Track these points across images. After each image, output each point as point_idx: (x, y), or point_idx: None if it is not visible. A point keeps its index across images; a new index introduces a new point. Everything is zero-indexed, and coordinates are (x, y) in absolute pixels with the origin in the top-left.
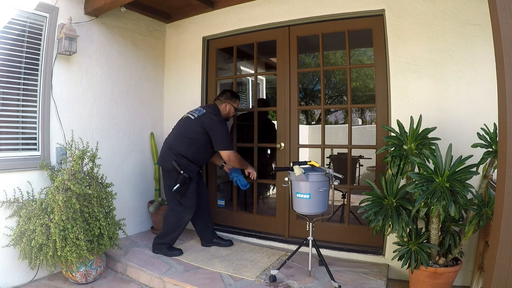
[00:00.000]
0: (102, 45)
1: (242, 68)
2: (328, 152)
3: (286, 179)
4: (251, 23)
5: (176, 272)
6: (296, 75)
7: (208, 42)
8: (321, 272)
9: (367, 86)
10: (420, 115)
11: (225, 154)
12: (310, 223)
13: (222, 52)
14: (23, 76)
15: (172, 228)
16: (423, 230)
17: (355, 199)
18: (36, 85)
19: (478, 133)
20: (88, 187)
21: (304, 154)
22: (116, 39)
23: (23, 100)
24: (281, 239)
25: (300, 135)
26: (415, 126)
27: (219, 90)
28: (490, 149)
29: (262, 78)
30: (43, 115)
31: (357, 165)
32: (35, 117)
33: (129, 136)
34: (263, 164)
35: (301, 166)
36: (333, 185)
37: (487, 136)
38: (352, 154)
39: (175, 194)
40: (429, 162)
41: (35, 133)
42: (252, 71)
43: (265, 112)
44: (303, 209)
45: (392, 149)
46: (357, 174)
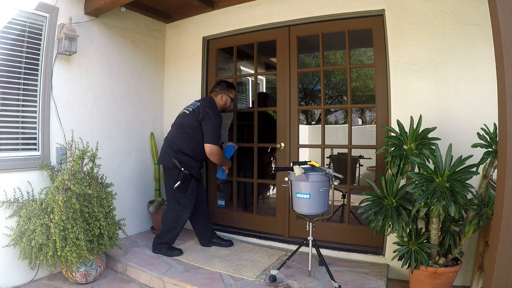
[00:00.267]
0: (102, 45)
1: (242, 68)
2: (328, 152)
3: (286, 179)
4: (251, 23)
5: (176, 272)
6: (296, 75)
7: (208, 42)
8: (321, 272)
9: (367, 86)
10: (420, 115)
11: (208, 148)
12: (310, 223)
13: (222, 52)
14: (23, 76)
15: (170, 227)
16: (423, 230)
17: (355, 199)
18: (36, 85)
19: (478, 133)
20: (88, 187)
21: (304, 154)
22: (116, 39)
23: (23, 100)
24: (281, 239)
25: (300, 135)
26: (415, 126)
27: None
28: (490, 149)
29: (262, 78)
30: (43, 115)
31: (357, 165)
32: (35, 117)
33: (129, 136)
34: (263, 165)
35: (301, 166)
36: (333, 185)
37: (487, 136)
38: (352, 154)
39: (174, 193)
40: (429, 162)
41: (35, 133)
42: (252, 71)
43: (265, 105)
44: (303, 209)
45: (392, 149)
46: (357, 174)
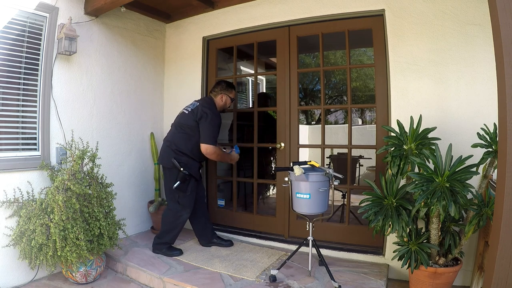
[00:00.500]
0: (102, 45)
1: (242, 68)
2: (328, 152)
3: (286, 179)
4: (251, 23)
5: (176, 272)
6: (296, 75)
7: (208, 42)
8: (321, 272)
9: (367, 86)
10: (420, 115)
11: (204, 148)
12: (310, 223)
13: (222, 52)
14: (23, 76)
15: (170, 227)
16: (423, 230)
17: (355, 199)
18: (36, 85)
19: (478, 133)
20: (88, 187)
21: (304, 154)
22: (116, 39)
23: (23, 100)
24: (281, 239)
25: (300, 135)
26: (415, 126)
27: None
28: (490, 149)
29: (262, 78)
30: (43, 115)
31: (357, 165)
32: (35, 117)
33: (129, 136)
34: (263, 165)
35: (301, 166)
36: (333, 185)
37: (487, 136)
38: (352, 154)
39: (174, 193)
40: (429, 162)
41: (35, 133)
42: (252, 71)
43: (265, 105)
44: (303, 209)
45: (392, 149)
46: (357, 174)
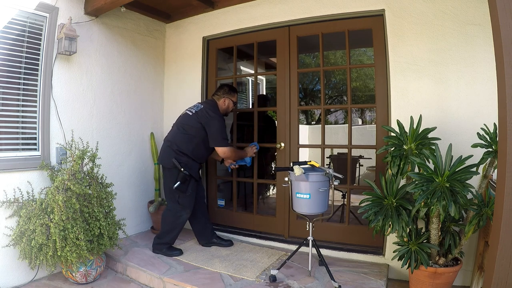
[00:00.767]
0: (102, 45)
1: (242, 68)
2: (328, 152)
3: (286, 179)
4: (251, 23)
5: (176, 272)
6: (296, 75)
7: (208, 42)
8: (321, 272)
9: (367, 86)
10: (420, 115)
11: (221, 151)
12: (310, 223)
13: (222, 52)
14: (23, 76)
15: (170, 227)
16: (423, 230)
17: (355, 199)
18: (36, 85)
19: (478, 133)
20: (88, 187)
21: (304, 154)
22: (116, 39)
23: (23, 100)
24: (281, 239)
25: (300, 135)
26: (415, 126)
27: None
28: (490, 149)
29: (262, 78)
30: (43, 115)
31: (357, 165)
32: (35, 117)
33: (129, 136)
34: (263, 165)
35: (301, 166)
36: (333, 185)
37: (487, 136)
38: (352, 154)
39: (174, 193)
40: (429, 162)
41: (35, 133)
42: (252, 71)
43: (264, 107)
44: (303, 209)
45: (392, 149)
46: (357, 174)
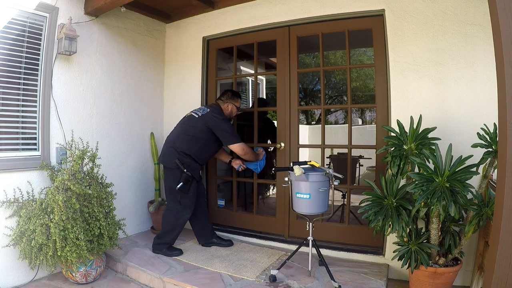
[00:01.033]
0: (102, 45)
1: (242, 68)
2: (328, 152)
3: (286, 179)
4: (251, 23)
5: (176, 272)
6: (296, 75)
7: (208, 42)
8: (321, 272)
9: (367, 86)
10: (420, 115)
11: (239, 148)
12: (310, 223)
13: (222, 52)
14: (23, 76)
15: (170, 227)
16: (423, 230)
17: (355, 199)
18: (36, 85)
19: (478, 133)
20: (88, 187)
21: (304, 154)
22: (116, 39)
23: (23, 100)
24: (281, 239)
25: (300, 135)
26: (415, 126)
27: (219, 90)
28: (490, 149)
29: (262, 78)
30: (43, 115)
31: (357, 165)
32: (35, 117)
33: (129, 136)
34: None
35: (301, 166)
36: (333, 185)
37: (487, 136)
38: (352, 154)
39: (174, 193)
40: (429, 162)
41: (35, 133)
42: (252, 71)
43: (264, 111)
44: (303, 209)
45: (392, 149)
46: (357, 174)
